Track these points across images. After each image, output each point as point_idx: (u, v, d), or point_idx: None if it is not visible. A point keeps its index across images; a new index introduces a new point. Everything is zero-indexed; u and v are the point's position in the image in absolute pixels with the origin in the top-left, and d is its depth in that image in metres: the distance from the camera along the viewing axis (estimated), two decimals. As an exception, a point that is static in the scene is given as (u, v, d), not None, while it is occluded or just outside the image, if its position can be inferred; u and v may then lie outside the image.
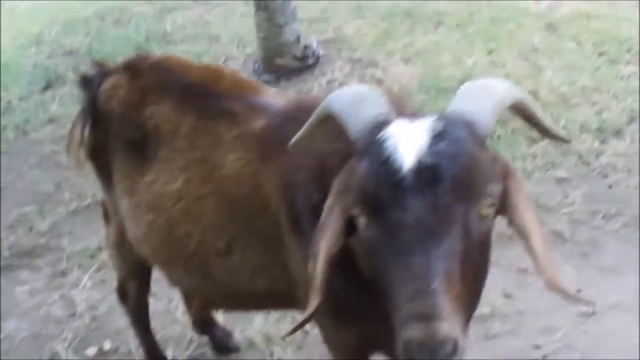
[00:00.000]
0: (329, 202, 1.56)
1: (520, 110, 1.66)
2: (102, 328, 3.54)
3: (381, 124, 1.50)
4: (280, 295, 2.23)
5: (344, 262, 1.72)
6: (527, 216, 1.51)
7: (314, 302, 1.57)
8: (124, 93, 2.36)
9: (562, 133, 1.77)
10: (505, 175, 1.52)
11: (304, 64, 5.48)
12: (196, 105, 2.25)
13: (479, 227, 1.43)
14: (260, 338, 3.31)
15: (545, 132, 1.74)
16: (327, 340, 2.27)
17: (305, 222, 1.94)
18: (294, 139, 1.76)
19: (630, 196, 3.99)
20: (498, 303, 3.35)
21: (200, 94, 2.27)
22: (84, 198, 4.37)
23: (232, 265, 2.20)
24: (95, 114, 2.39)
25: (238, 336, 3.35)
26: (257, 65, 5.58)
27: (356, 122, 1.53)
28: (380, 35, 5.91)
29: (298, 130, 1.79)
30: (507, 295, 3.44)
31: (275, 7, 5.26)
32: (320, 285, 1.55)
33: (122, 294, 3.00)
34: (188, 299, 2.55)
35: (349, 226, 1.53)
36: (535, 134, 2.63)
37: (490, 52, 5.49)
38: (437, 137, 1.42)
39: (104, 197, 2.71)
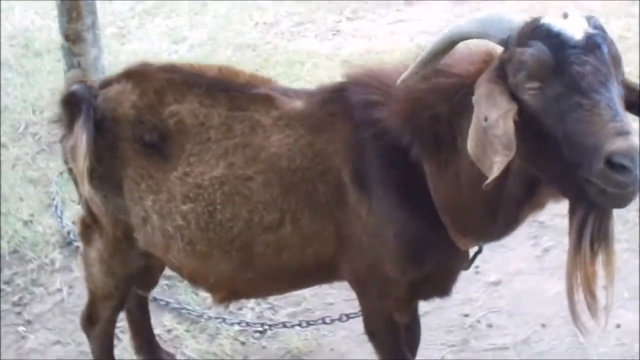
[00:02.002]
0: (482, 91, 1.80)
1: None
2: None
3: (533, 21, 1.79)
4: (322, 265, 2.34)
5: (424, 203, 2.11)
6: None
7: (503, 158, 1.71)
8: (137, 97, 2.36)
9: None
10: None
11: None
12: (224, 97, 2.32)
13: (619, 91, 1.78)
14: (203, 354, 3.20)
15: None
16: (375, 292, 2.38)
17: (374, 175, 2.15)
18: (403, 77, 1.95)
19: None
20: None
21: (224, 86, 2.35)
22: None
23: (282, 238, 2.28)
24: (96, 124, 2.35)
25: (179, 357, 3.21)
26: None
27: (501, 27, 1.82)
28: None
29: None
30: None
31: (87, 64, 5.14)
32: (511, 140, 1.72)
33: (91, 319, 2.81)
34: (215, 291, 2.51)
35: None
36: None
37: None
38: (589, 19, 1.78)
39: (92, 211, 2.55)
